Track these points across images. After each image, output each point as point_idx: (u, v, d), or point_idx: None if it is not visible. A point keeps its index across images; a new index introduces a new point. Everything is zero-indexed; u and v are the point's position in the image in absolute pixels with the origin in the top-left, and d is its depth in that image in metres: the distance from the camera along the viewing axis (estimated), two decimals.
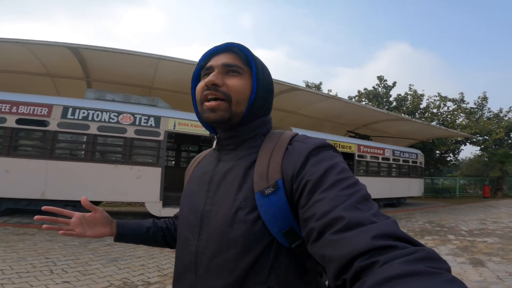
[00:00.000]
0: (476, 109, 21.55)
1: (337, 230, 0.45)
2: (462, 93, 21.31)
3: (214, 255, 0.59)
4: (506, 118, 21.13)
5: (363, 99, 20.92)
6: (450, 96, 21.06)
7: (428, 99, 20.92)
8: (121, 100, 7.53)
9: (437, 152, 20.36)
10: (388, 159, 12.12)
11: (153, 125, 7.18)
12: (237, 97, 0.65)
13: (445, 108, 20.68)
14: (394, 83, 20.90)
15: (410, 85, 23.46)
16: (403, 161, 12.80)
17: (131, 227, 0.83)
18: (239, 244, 0.58)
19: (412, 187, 13.16)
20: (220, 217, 0.60)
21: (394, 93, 22.18)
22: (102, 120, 6.85)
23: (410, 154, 13.24)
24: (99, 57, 7.92)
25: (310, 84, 22.14)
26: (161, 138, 7.17)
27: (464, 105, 21.00)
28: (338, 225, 0.45)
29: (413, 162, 13.28)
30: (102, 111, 6.88)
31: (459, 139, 19.70)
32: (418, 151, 14.05)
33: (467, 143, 20.85)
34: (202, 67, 0.70)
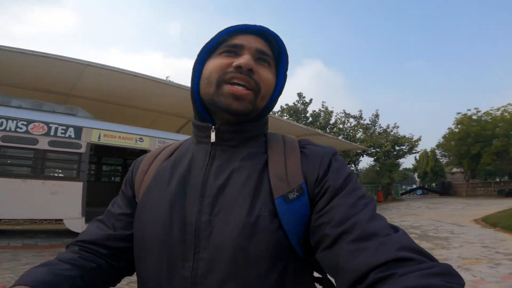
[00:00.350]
0: (370, 125, 25.49)
1: (354, 239, 0.44)
2: (361, 111, 25.36)
3: (227, 279, 0.48)
4: (392, 133, 25.43)
5: (285, 114, 22.74)
6: (352, 113, 24.61)
7: (336, 116, 24.01)
8: (30, 107, 6.69)
9: None
10: None
11: (73, 136, 6.60)
12: (265, 90, 0.57)
13: (348, 124, 24.03)
14: (311, 100, 23.36)
15: (323, 102, 26.74)
16: None
17: (52, 284, 0.48)
18: (264, 259, 0.49)
19: None
20: (232, 228, 0.50)
21: (310, 109, 24.75)
22: (7, 129, 6.00)
23: None
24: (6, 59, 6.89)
25: None
26: (82, 150, 6.63)
27: (362, 121, 24.67)
28: (355, 234, 0.44)
29: None
30: (7, 118, 6.04)
31: (358, 151, 23.15)
32: None
33: (364, 155, 24.45)
34: (222, 41, 0.58)
